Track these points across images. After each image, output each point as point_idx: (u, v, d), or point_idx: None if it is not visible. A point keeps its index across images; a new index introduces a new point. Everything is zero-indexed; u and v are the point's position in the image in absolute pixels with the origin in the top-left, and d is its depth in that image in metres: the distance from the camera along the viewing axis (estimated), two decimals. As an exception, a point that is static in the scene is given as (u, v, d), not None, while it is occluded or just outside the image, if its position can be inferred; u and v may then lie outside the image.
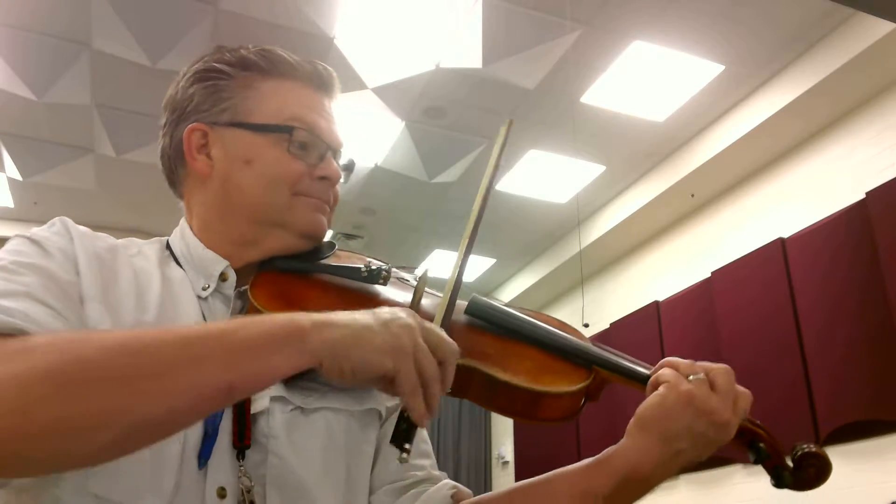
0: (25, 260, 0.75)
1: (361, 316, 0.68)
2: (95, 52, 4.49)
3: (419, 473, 0.93)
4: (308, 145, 0.89)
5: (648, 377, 0.89)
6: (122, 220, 6.34)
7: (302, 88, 0.92)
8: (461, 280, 0.85)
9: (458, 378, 0.80)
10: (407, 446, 0.69)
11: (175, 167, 0.93)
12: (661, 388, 0.86)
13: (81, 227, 0.86)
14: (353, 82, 4.77)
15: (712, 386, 0.85)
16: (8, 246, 0.79)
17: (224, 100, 0.90)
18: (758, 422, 0.94)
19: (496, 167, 0.91)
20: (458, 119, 5.28)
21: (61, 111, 5.06)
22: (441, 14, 4.24)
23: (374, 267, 0.87)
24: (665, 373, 0.87)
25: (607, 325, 6.65)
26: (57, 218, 0.85)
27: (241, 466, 0.77)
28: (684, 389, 0.84)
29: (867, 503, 3.99)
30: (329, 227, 0.93)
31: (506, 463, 8.45)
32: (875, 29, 4.09)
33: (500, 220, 6.58)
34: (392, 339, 0.67)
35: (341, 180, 0.94)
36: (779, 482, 0.94)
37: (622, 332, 6.46)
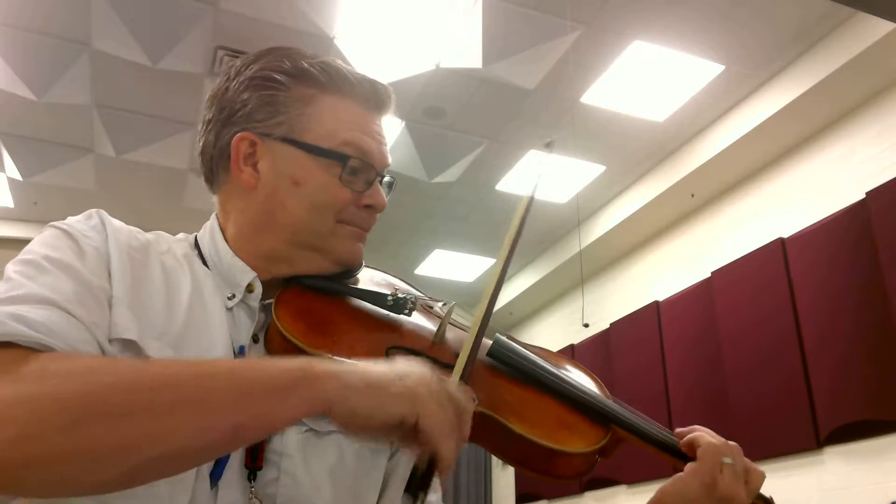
0: (57, 256, 0.75)
1: (377, 366, 0.67)
2: (95, 52, 4.49)
3: None
4: (358, 171, 0.88)
5: (670, 444, 0.89)
6: (122, 220, 6.21)
7: (358, 109, 0.90)
8: (484, 330, 0.82)
9: (476, 425, 0.78)
10: (422, 495, 0.67)
11: (216, 168, 0.91)
12: (688, 472, 0.86)
13: (116, 222, 0.85)
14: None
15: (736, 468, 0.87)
16: (41, 237, 0.78)
17: (280, 113, 0.87)
18: (768, 498, 0.92)
19: (515, 241, 0.94)
20: (458, 119, 5.28)
21: (61, 111, 5.06)
22: (441, 14, 4.24)
23: (400, 296, 0.86)
24: (703, 452, 0.87)
25: (607, 325, 6.65)
26: (94, 210, 0.85)
27: (251, 488, 0.76)
28: (710, 478, 0.85)
29: (867, 503, 3.99)
30: (365, 244, 0.92)
31: (505, 464, 8.44)
32: (875, 29, 4.09)
33: (500, 220, 6.59)
34: (407, 389, 0.65)
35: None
36: None
37: (622, 331, 6.46)
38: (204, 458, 0.66)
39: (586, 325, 5.93)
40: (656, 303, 6.10)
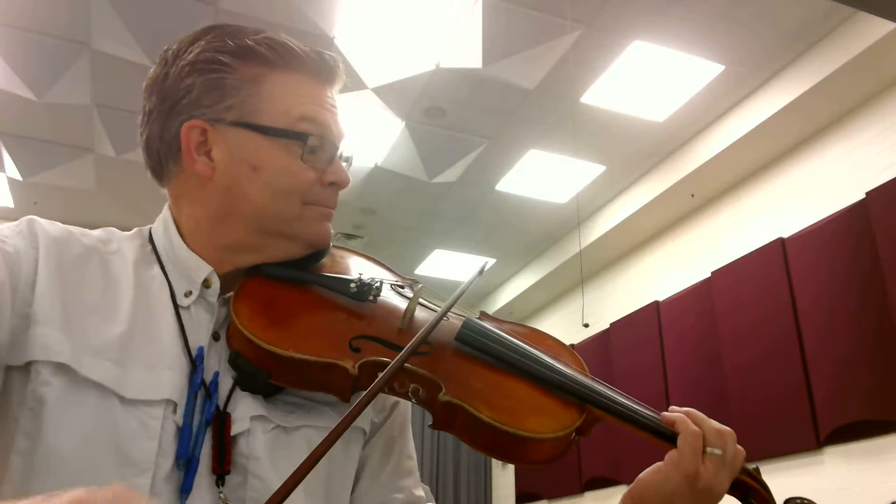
0: None
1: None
2: (95, 52, 4.49)
3: (399, 496, 0.89)
4: (319, 148, 0.84)
5: (650, 425, 0.85)
6: (122, 220, 6.33)
7: (309, 81, 0.85)
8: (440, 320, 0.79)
9: (442, 412, 0.77)
10: None
11: (164, 160, 0.86)
12: (667, 463, 0.82)
13: (53, 230, 0.80)
14: (353, 82, 4.77)
15: (722, 457, 0.83)
16: None
17: (228, 96, 0.82)
18: (751, 469, 0.89)
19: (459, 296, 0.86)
20: (458, 119, 5.28)
21: (61, 111, 5.06)
22: (441, 14, 4.25)
23: (365, 281, 0.83)
24: (684, 441, 0.82)
25: (607, 325, 6.66)
26: (26, 218, 0.80)
27: (220, 493, 0.73)
28: (692, 470, 0.80)
29: (867, 503, 3.99)
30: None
31: (506, 464, 8.44)
32: (875, 29, 4.09)
33: (500, 220, 6.59)
34: None
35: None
36: None
37: (622, 332, 6.47)
38: None
39: (586, 325, 5.94)
40: (656, 303, 6.10)
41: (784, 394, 4.56)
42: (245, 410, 0.77)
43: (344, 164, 0.89)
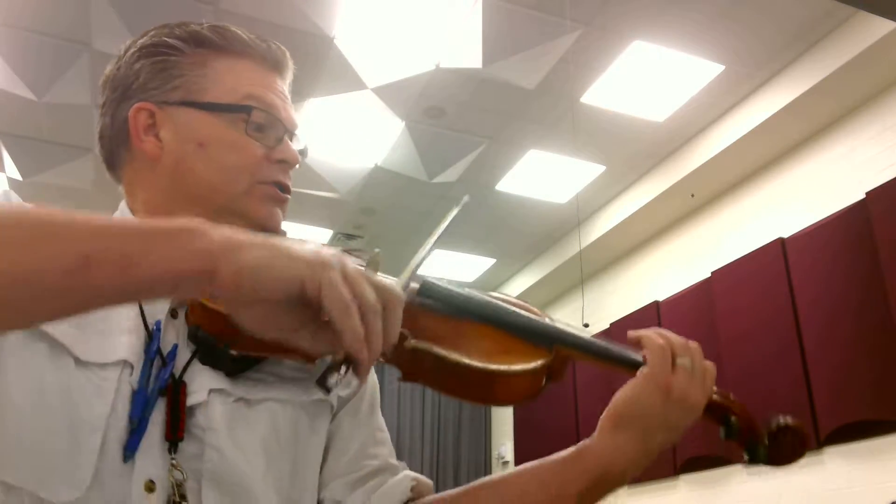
0: None
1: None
2: (95, 52, 4.49)
3: (374, 462, 0.88)
4: (265, 126, 0.84)
5: (618, 354, 0.86)
6: None
7: (256, 67, 0.87)
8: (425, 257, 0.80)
9: (409, 361, 0.77)
10: (330, 383, 0.57)
11: (116, 148, 0.87)
12: (639, 378, 0.83)
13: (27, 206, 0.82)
14: (353, 82, 4.77)
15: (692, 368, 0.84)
16: None
17: (174, 77, 0.84)
18: (728, 394, 0.90)
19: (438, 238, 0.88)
20: (458, 119, 5.27)
21: (61, 111, 5.06)
22: (441, 14, 4.24)
23: (323, 244, 0.83)
24: (653, 354, 0.84)
25: (607, 325, 6.65)
26: (2, 190, 0.81)
27: (172, 460, 0.72)
28: (663, 381, 0.82)
29: (867, 503, 3.99)
30: (286, 212, 0.88)
31: (506, 463, 8.45)
32: (875, 29, 4.08)
33: (500, 220, 6.59)
34: (311, 253, 0.56)
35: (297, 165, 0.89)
36: (753, 457, 0.89)
37: (622, 332, 6.31)
38: (48, 294, 0.53)
39: (586, 325, 5.92)
40: (656, 303, 6.10)
41: (784, 394, 4.56)
42: (203, 383, 0.77)
43: (299, 156, 0.89)
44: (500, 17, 4.24)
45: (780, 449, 0.88)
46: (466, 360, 0.77)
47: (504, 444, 8.60)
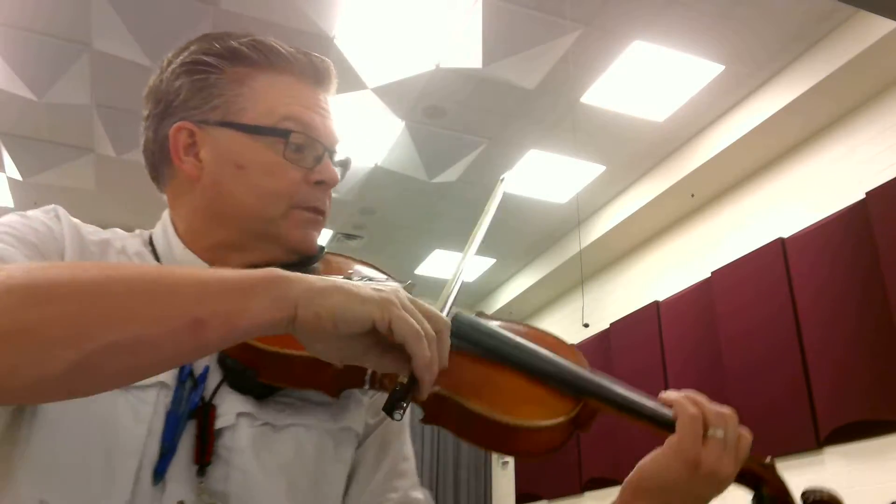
0: (11, 231, 0.74)
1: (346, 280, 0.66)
2: (95, 52, 4.49)
3: (394, 496, 0.87)
4: (304, 147, 0.84)
5: (650, 413, 0.82)
6: (122, 220, 6.31)
7: (296, 83, 0.86)
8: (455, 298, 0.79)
9: (431, 405, 0.75)
10: (398, 412, 0.64)
11: (159, 164, 0.88)
12: (666, 449, 0.80)
13: (74, 219, 0.83)
14: (353, 82, 4.77)
15: (724, 440, 0.80)
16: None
17: (214, 97, 0.84)
18: (765, 461, 0.86)
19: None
20: (458, 119, 5.28)
21: (61, 111, 5.06)
22: (441, 14, 4.24)
23: (352, 281, 0.83)
24: (683, 425, 0.80)
25: (607, 325, 6.65)
26: (52, 206, 0.83)
27: (200, 483, 0.73)
28: (693, 455, 0.78)
29: (867, 503, 3.99)
30: (321, 231, 0.89)
31: (506, 463, 8.45)
32: (875, 29, 4.08)
33: (500, 220, 6.57)
34: (378, 294, 0.63)
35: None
36: None
37: (622, 332, 6.47)
38: (164, 354, 0.60)
39: (586, 325, 5.93)
40: (656, 303, 6.10)
41: (784, 394, 4.56)
42: (232, 406, 0.77)
43: (339, 168, 0.89)
44: (500, 17, 4.24)
45: None
46: (491, 414, 0.75)
47: (504, 444, 8.58)
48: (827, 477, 4.28)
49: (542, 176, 5.92)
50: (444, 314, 0.69)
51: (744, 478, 0.83)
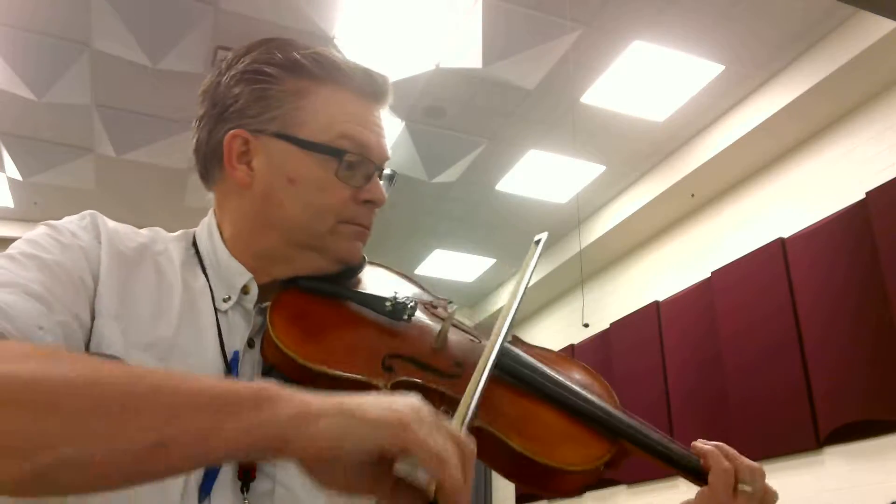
0: (36, 252, 0.74)
1: (361, 396, 0.57)
2: (95, 52, 4.48)
3: None
4: (356, 165, 0.84)
5: (682, 461, 0.84)
6: (122, 220, 6.21)
7: (354, 99, 0.87)
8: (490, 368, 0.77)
9: (473, 436, 0.77)
10: None
11: (210, 165, 0.88)
12: (699, 500, 0.82)
13: (111, 224, 0.84)
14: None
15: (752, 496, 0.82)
16: (29, 234, 0.77)
17: (272, 108, 0.84)
18: None
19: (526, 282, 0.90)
20: (458, 119, 5.28)
21: (61, 111, 5.06)
22: (441, 14, 4.24)
23: (399, 300, 0.82)
24: (716, 477, 0.81)
25: (607, 325, 6.65)
26: (88, 212, 0.83)
27: (245, 499, 0.74)
28: None
29: (867, 503, 3.99)
30: (366, 243, 0.89)
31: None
32: (875, 29, 4.08)
33: (500, 220, 6.58)
34: (392, 413, 0.55)
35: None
36: None
37: (622, 332, 6.46)
38: (123, 474, 0.54)
39: (586, 325, 5.93)
40: (656, 303, 6.10)
41: (784, 394, 4.56)
42: None
43: (386, 182, 0.90)
44: (500, 17, 4.24)
45: None
46: (529, 453, 0.75)
47: (504, 444, 8.59)
48: (827, 477, 4.28)
49: (542, 176, 5.92)
50: (469, 411, 0.66)
51: None
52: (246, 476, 0.74)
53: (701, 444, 0.85)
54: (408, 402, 0.57)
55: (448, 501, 0.55)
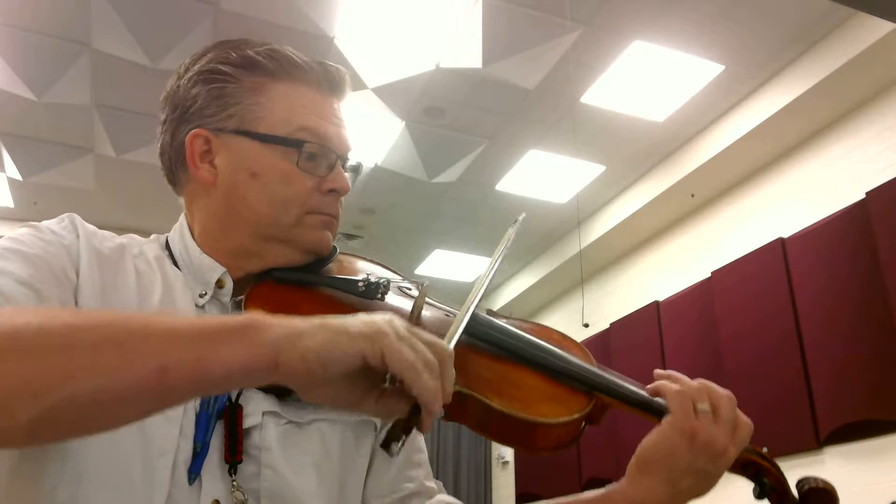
0: (19, 248, 0.75)
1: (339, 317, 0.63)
2: (95, 52, 4.49)
3: (410, 486, 0.90)
4: (317, 156, 0.86)
5: (652, 404, 0.87)
6: (122, 220, 6.33)
7: (311, 93, 0.88)
8: (472, 311, 0.82)
9: (454, 404, 0.77)
10: (396, 445, 0.61)
11: (175, 168, 0.90)
12: (664, 425, 0.84)
13: (90, 226, 0.85)
14: (353, 82, 4.71)
15: (715, 414, 0.85)
16: (11, 233, 0.79)
17: (230, 105, 0.86)
18: (762, 451, 0.92)
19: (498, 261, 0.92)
20: (458, 119, 5.28)
21: (61, 111, 5.06)
22: (441, 14, 4.25)
23: (372, 280, 0.84)
24: (672, 402, 0.85)
25: (607, 325, 6.65)
26: (67, 214, 0.84)
27: (233, 481, 0.76)
28: (688, 426, 0.83)
29: (867, 503, 3.99)
30: (335, 232, 0.91)
31: (506, 463, 8.45)
32: (875, 29, 4.09)
33: (501, 220, 6.58)
34: (368, 326, 0.61)
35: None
36: None
37: (622, 332, 6.47)
38: (126, 405, 0.59)
39: (586, 325, 5.93)
40: (656, 303, 6.10)
41: (784, 394, 4.56)
42: (257, 406, 0.80)
43: (350, 173, 0.91)
44: (500, 17, 4.24)
45: None
46: (510, 411, 0.78)
47: (504, 444, 8.59)
48: (827, 477, 4.27)
49: (542, 176, 5.92)
50: (450, 344, 0.69)
51: (745, 467, 0.89)
52: (233, 457, 0.76)
53: (653, 383, 0.89)
54: (385, 317, 0.63)
55: (425, 405, 0.60)
